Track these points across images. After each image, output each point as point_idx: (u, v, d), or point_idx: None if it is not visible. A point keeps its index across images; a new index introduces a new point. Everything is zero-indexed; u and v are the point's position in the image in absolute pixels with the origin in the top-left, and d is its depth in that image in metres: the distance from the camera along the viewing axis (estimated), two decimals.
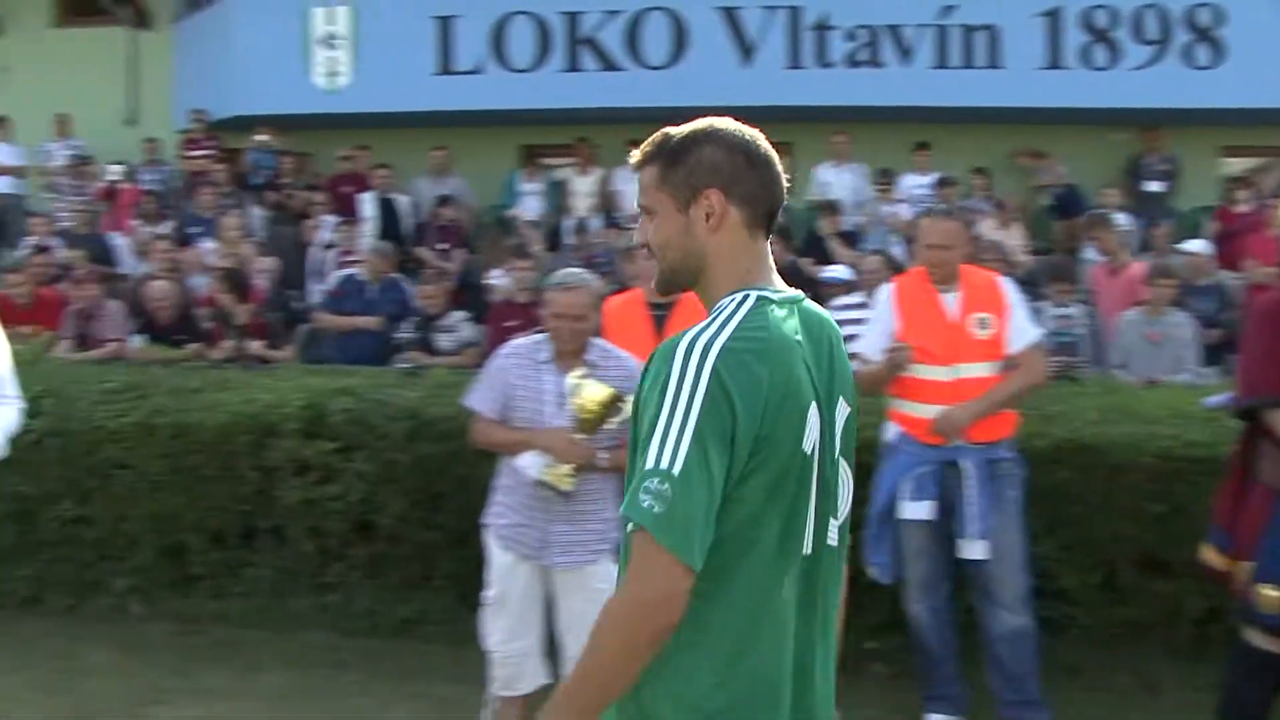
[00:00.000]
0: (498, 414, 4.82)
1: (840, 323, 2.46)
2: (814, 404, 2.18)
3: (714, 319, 2.16)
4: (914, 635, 5.58)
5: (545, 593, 4.84)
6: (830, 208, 11.93)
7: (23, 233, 13.36)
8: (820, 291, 9.31)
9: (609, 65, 13.52)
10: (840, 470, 2.30)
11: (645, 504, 2.03)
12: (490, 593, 4.85)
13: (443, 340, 9.09)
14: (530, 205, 13.63)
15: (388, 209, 12.95)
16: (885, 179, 12.58)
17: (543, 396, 4.75)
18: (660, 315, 5.61)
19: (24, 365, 7.21)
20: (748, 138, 2.28)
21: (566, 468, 4.64)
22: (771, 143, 2.32)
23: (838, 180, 12.90)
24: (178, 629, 6.79)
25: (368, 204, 12.93)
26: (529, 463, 4.69)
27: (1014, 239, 11.04)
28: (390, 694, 5.90)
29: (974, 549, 5.32)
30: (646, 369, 2.18)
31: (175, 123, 15.09)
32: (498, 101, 13.50)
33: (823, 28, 13.18)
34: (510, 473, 4.82)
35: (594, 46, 13.51)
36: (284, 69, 13.97)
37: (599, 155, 13.59)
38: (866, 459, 5.68)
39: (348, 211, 12.66)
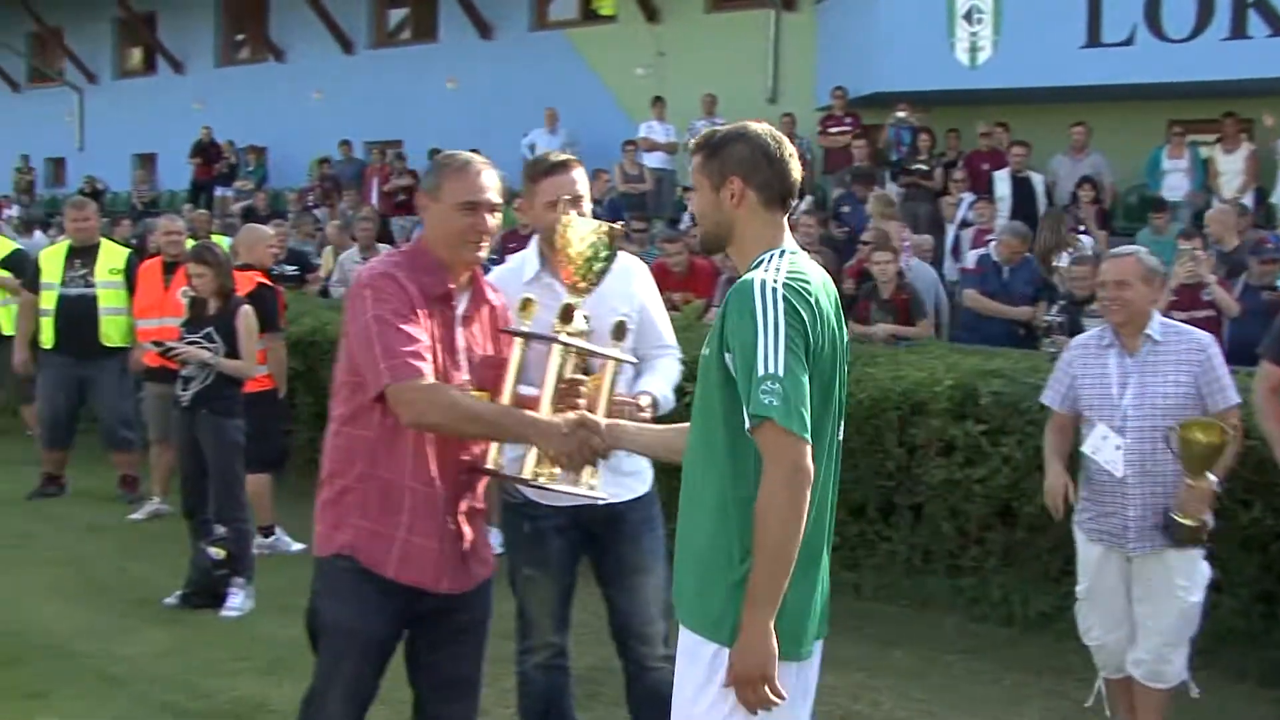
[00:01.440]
0: (1068, 407, 4.95)
1: None
2: (836, 327, 2.79)
3: (765, 267, 2.74)
4: None
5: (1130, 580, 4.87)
6: None
7: (675, 205, 14.26)
8: None
9: None
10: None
11: (767, 401, 2.58)
12: (1081, 586, 4.99)
13: (1090, 325, 8.61)
14: (1174, 183, 12.75)
15: (1023, 187, 12.60)
16: None
17: (1107, 380, 4.78)
18: None
19: (680, 330, 7.63)
20: (768, 139, 2.86)
21: (1117, 441, 4.67)
22: None
23: None
24: None
25: (1002, 182, 12.64)
26: (1095, 447, 4.75)
27: None
28: (1023, 689, 5.67)
29: None
30: (726, 311, 2.72)
31: (815, 100, 15.54)
32: (1148, 75, 12.76)
33: None
34: (1086, 462, 4.87)
35: (1265, 10, 12.34)
36: (926, 45, 13.95)
37: (1255, 130, 12.51)
38: None
39: (984, 189, 12.44)
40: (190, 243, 8.33)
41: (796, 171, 2.88)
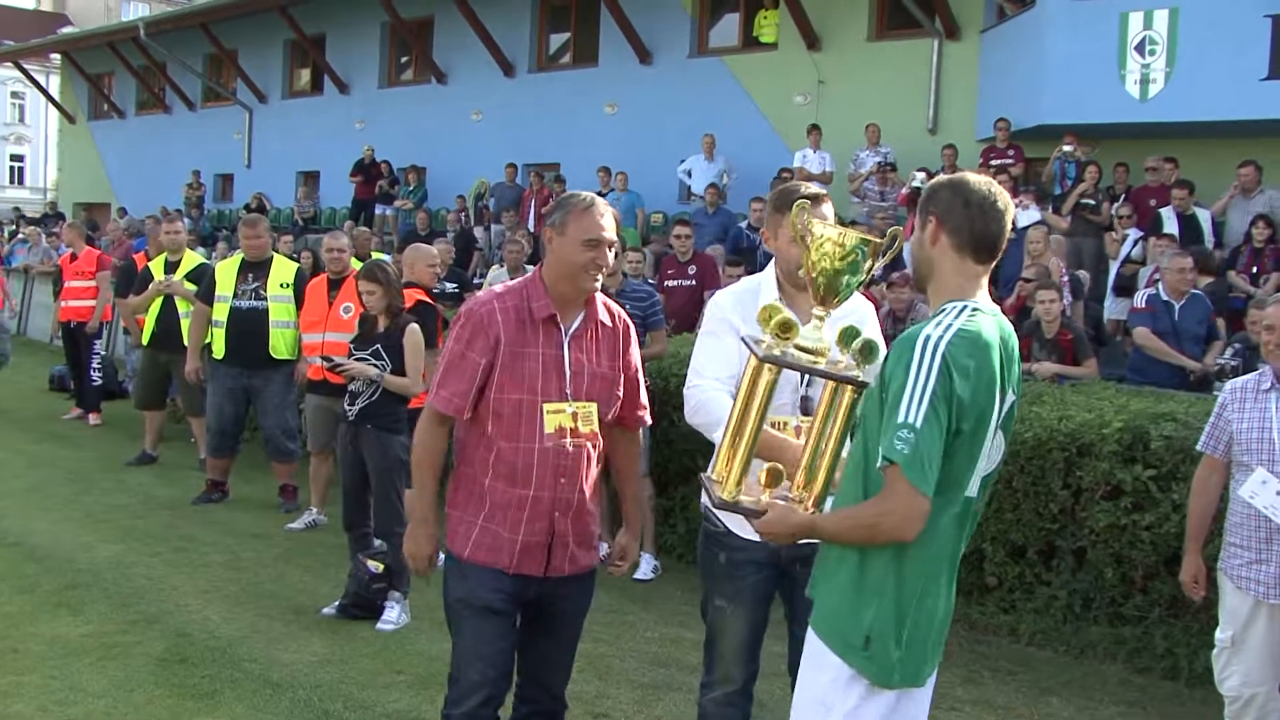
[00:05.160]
0: (1221, 451, 4.88)
1: None
2: (1001, 390, 2.86)
3: (942, 320, 2.84)
4: None
5: None
6: None
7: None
8: None
9: None
10: (996, 439, 2.94)
11: (899, 447, 2.73)
12: (1224, 634, 4.83)
13: None
14: None
15: (1190, 224, 12.20)
16: None
17: (1267, 425, 4.69)
18: None
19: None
20: (973, 187, 2.96)
21: (1278, 486, 4.54)
22: None
23: None
24: (967, 636, 6.78)
25: (1169, 219, 12.26)
26: (1253, 491, 4.63)
27: None
28: None
29: None
30: (888, 356, 2.88)
31: (977, 131, 15.29)
32: None
33: None
34: (1239, 508, 4.74)
35: None
36: (1094, 76, 13.61)
37: None
38: None
39: (1149, 225, 12.09)
40: (356, 262, 8.53)
41: (997, 224, 2.95)
